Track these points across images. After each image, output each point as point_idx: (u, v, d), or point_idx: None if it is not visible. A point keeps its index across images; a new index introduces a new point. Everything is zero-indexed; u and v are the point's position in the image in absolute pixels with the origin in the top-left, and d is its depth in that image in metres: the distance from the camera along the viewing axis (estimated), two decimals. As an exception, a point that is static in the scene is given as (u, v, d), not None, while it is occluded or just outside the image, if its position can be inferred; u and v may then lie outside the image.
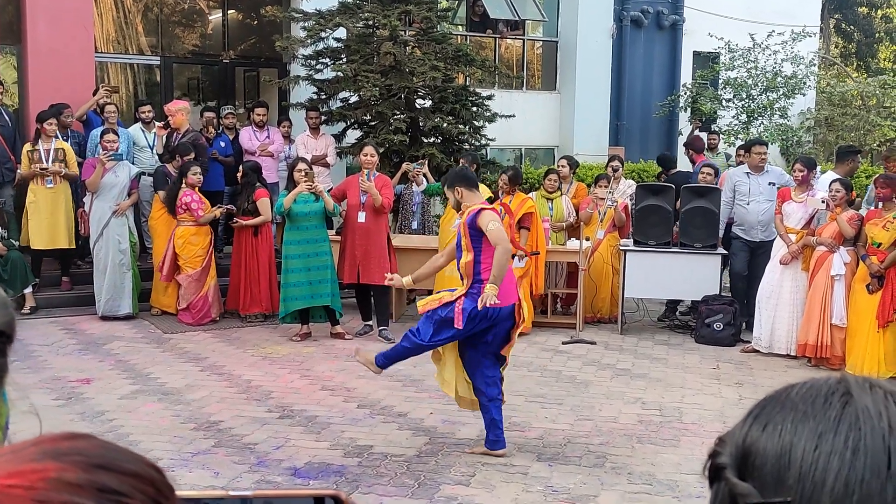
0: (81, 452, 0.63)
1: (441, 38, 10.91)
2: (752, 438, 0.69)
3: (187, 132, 9.38)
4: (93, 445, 0.64)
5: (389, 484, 4.89)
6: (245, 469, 5.05)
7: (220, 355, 7.58)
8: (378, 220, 8.11)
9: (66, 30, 10.06)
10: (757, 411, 0.71)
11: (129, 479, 0.62)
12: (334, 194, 8.29)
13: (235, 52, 13.01)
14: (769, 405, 0.71)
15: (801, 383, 0.72)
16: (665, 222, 8.67)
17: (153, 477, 0.64)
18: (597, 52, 14.68)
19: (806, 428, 0.66)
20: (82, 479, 0.60)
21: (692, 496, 4.81)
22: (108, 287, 8.66)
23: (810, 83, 14.63)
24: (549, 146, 14.97)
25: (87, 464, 0.61)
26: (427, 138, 10.73)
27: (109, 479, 0.61)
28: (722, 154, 11.66)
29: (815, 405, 0.68)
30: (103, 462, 0.62)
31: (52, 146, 8.84)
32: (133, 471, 0.63)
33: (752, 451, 0.68)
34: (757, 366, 7.68)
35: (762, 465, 0.67)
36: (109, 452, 0.64)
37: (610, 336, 8.65)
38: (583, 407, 6.36)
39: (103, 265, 8.66)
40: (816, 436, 0.66)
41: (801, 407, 0.68)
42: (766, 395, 0.73)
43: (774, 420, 0.69)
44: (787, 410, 0.69)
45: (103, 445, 0.64)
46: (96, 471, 0.61)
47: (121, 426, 5.72)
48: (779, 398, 0.71)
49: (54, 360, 7.29)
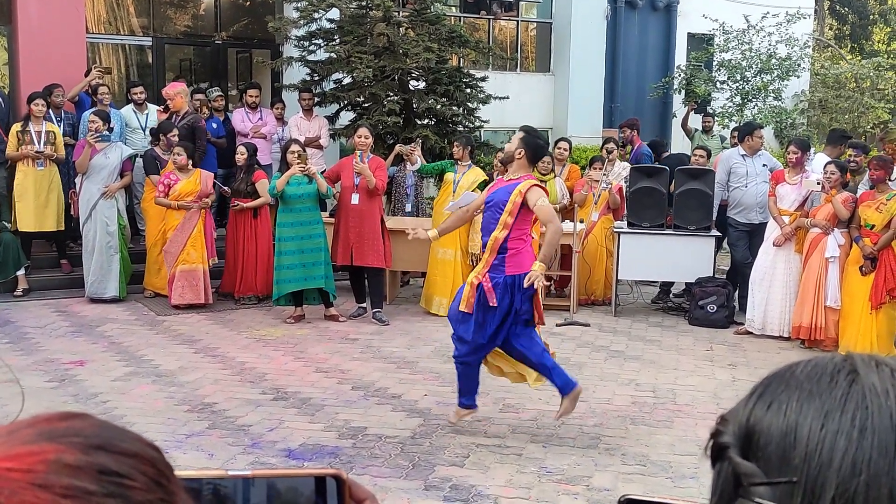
0: (79, 433, 0.61)
1: (435, 19, 10.85)
2: (756, 417, 0.68)
3: (186, 114, 9.33)
4: (90, 425, 0.63)
5: (384, 465, 4.90)
6: (239, 451, 5.05)
7: (213, 337, 7.58)
8: (372, 202, 8.08)
9: (57, 10, 9.98)
10: (761, 390, 0.70)
11: (129, 460, 0.61)
12: (328, 176, 8.25)
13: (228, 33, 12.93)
14: (773, 383, 0.70)
15: (805, 361, 0.70)
16: (659, 204, 8.67)
17: (152, 456, 0.63)
18: (591, 34, 14.63)
19: (812, 407, 0.65)
20: (82, 460, 0.59)
21: (686, 477, 4.83)
22: (94, 269, 8.60)
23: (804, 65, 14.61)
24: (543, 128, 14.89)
25: (85, 445, 0.60)
26: (421, 120, 10.69)
27: (109, 461, 0.60)
28: (717, 136, 11.65)
29: (821, 383, 0.66)
30: (102, 443, 0.61)
31: (42, 128, 8.77)
32: (132, 451, 0.62)
33: (756, 430, 0.67)
34: (750, 347, 7.71)
35: (766, 445, 0.66)
36: (107, 432, 0.63)
37: (604, 318, 8.67)
38: (577, 388, 6.37)
39: (91, 247, 8.61)
40: (822, 415, 0.64)
41: (807, 385, 0.67)
42: (769, 373, 0.71)
43: (779, 398, 0.67)
44: (791, 389, 0.68)
45: (100, 425, 0.63)
46: (95, 452, 0.60)
47: (115, 408, 5.71)
48: (783, 376, 0.70)
49: (47, 342, 7.27)
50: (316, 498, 0.73)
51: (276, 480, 0.73)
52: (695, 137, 11.36)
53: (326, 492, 0.73)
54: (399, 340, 7.59)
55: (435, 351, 7.30)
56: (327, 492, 0.73)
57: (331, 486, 0.73)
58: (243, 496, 0.73)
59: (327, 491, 0.73)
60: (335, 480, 0.73)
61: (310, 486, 0.73)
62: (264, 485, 0.73)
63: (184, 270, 8.47)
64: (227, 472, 0.72)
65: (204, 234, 8.59)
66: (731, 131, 10.69)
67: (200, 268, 8.54)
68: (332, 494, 0.73)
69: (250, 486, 0.72)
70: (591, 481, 4.75)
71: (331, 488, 0.73)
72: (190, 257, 8.48)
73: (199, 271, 8.52)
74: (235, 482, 0.72)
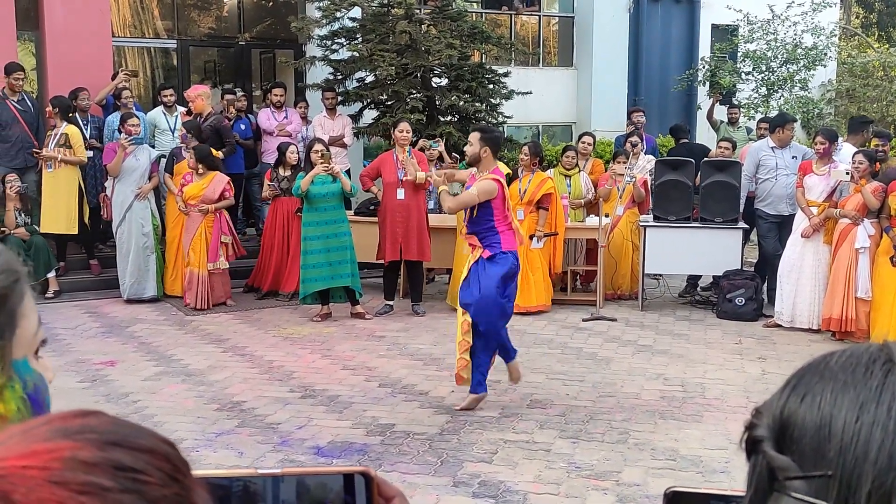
0: (94, 430, 0.62)
1: (456, 15, 10.84)
2: (791, 410, 0.66)
3: (210, 115, 9.40)
4: (104, 422, 0.63)
5: (412, 462, 4.91)
6: (269, 448, 5.08)
7: (241, 336, 7.63)
8: (417, 196, 8.21)
9: (82, 15, 10.08)
10: (795, 381, 0.69)
11: (144, 456, 0.61)
12: (367, 173, 8.35)
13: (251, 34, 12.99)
14: (807, 375, 0.68)
15: (840, 351, 0.69)
16: (685, 197, 8.61)
17: (167, 452, 0.63)
18: (613, 27, 14.54)
19: (846, 398, 0.64)
20: (97, 457, 0.59)
21: (716, 471, 4.80)
22: (132, 270, 8.71)
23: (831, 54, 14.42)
24: (566, 123, 14.88)
25: (100, 441, 0.61)
26: (444, 117, 10.69)
27: (124, 456, 0.60)
28: (743, 128, 11.55)
29: (856, 374, 0.65)
30: (117, 439, 0.61)
31: (60, 130, 8.88)
32: (147, 446, 0.62)
33: (790, 422, 0.66)
34: (780, 340, 7.64)
35: (801, 438, 0.65)
36: (122, 429, 0.63)
37: (630, 312, 8.62)
38: (604, 383, 6.36)
39: (126, 249, 8.71)
40: (858, 406, 0.63)
41: (842, 376, 0.66)
42: (804, 364, 0.70)
43: (813, 390, 0.66)
44: (826, 380, 0.66)
45: (114, 422, 0.64)
46: (111, 448, 0.60)
47: (145, 407, 5.77)
48: (818, 367, 0.68)
49: (78, 343, 7.36)
50: (345, 495, 0.74)
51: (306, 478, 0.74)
52: (720, 129, 11.28)
53: (355, 489, 0.74)
54: (425, 337, 7.60)
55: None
56: (356, 489, 0.74)
57: (359, 483, 0.74)
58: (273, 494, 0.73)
59: (356, 488, 0.74)
60: (363, 478, 0.73)
61: (338, 483, 0.74)
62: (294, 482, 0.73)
63: (189, 272, 8.59)
64: (256, 471, 0.73)
65: (210, 237, 8.57)
66: (758, 122, 10.59)
67: (197, 271, 8.54)
68: (360, 492, 0.74)
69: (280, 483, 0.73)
70: (620, 476, 4.73)
71: (359, 486, 0.74)
72: (191, 260, 8.55)
73: (195, 274, 8.54)
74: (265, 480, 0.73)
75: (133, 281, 8.74)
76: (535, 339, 7.60)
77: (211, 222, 8.58)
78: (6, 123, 9.09)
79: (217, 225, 8.65)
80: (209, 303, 8.56)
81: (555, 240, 8.64)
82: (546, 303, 8.57)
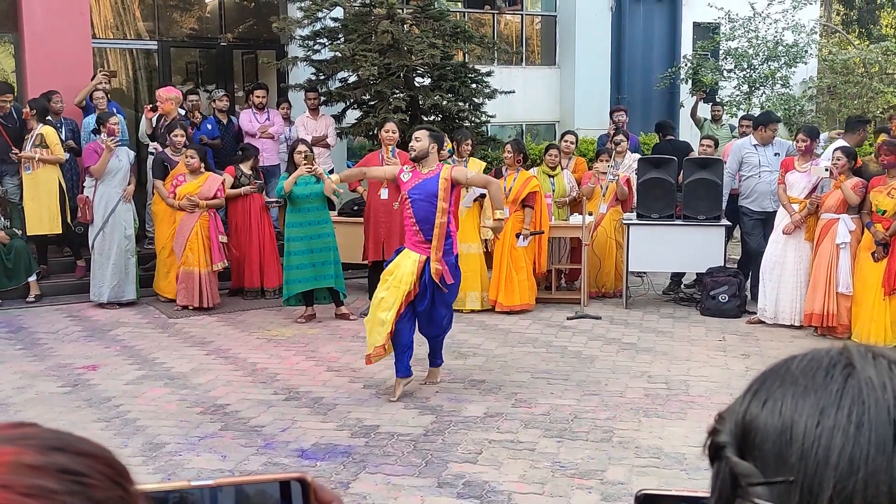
0: (34, 437, 0.62)
1: (439, 15, 10.83)
2: (752, 415, 0.66)
3: (174, 119, 9.38)
4: (42, 431, 0.63)
5: (397, 463, 4.89)
6: (252, 451, 5.06)
7: (225, 339, 7.59)
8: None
9: (62, 16, 10.00)
10: (756, 386, 0.68)
11: (86, 460, 0.62)
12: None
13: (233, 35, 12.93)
14: (769, 379, 0.68)
15: (801, 355, 0.69)
16: (668, 195, 8.64)
17: (108, 457, 0.64)
18: (596, 26, 14.56)
19: (807, 403, 0.63)
20: (40, 461, 0.59)
21: (700, 469, 4.81)
22: (114, 273, 8.64)
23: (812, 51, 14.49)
24: (549, 121, 14.89)
25: (42, 446, 0.61)
26: (427, 116, 10.67)
27: (67, 460, 0.60)
28: (726, 125, 11.60)
29: (816, 378, 0.65)
30: (58, 444, 0.62)
31: (35, 131, 8.81)
32: (88, 451, 0.63)
33: (751, 428, 0.65)
34: (763, 337, 7.67)
35: (763, 443, 0.64)
36: (61, 435, 0.63)
37: (615, 310, 8.64)
38: (589, 382, 6.36)
39: (108, 251, 8.63)
40: (818, 411, 0.62)
41: (802, 381, 0.65)
42: (766, 369, 0.70)
43: (774, 395, 0.66)
44: (787, 385, 0.66)
45: (52, 430, 0.64)
46: (52, 453, 0.61)
47: (127, 412, 5.73)
48: (778, 372, 0.68)
49: (60, 347, 7.30)
50: (281, 502, 0.73)
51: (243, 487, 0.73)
52: (704, 127, 11.32)
53: (292, 496, 0.73)
54: (410, 338, 7.58)
55: (446, 348, 7.28)
56: (292, 496, 0.73)
57: (296, 489, 0.74)
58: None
59: (292, 495, 0.73)
60: (300, 484, 0.73)
61: (275, 490, 0.73)
62: (231, 492, 0.73)
63: (184, 272, 8.53)
64: (189, 483, 0.72)
65: (207, 237, 8.55)
66: (740, 120, 10.64)
67: (196, 271, 8.50)
68: (297, 498, 0.73)
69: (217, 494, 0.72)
70: (604, 475, 4.74)
71: (296, 492, 0.73)
72: (188, 259, 8.50)
73: (194, 274, 8.50)
74: (202, 491, 0.72)
75: (115, 283, 8.66)
76: (520, 338, 7.61)
77: (206, 222, 8.55)
78: None
79: (213, 224, 8.62)
80: (211, 301, 8.55)
81: (539, 238, 8.64)
82: (530, 302, 8.57)
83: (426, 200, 5.73)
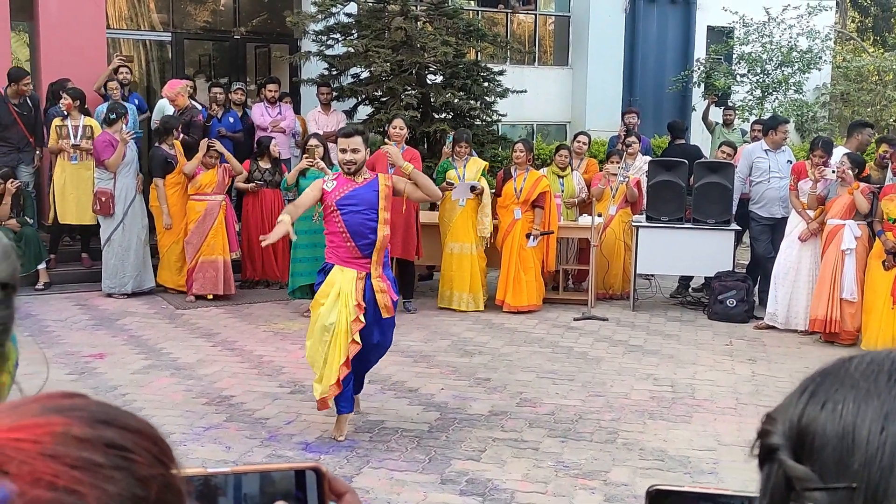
0: (84, 408, 0.62)
1: (452, 12, 10.83)
2: (810, 417, 0.64)
3: (186, 109, 9.39)
4: (91, 402, 0.64)
5: (400, 459, 4.90)
6: (256, 443, 5.07)
7: (231, 331, 7.61)
8: None
9: (77, 6, 10.03)
10: (812, 387, 0.66)
11: (133, 436, 0.62)
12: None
13: (246, 28, 12.95)
14: (826, 381, 0.66)
15: (858, 357, 0.67)
16: (678, 198, 8.62)
17: (153, 434, 0.64)
18: (609, 27, 14.54)
19: (870, 407, 0.61)
20: (89, 433, 0.60)
21: (704, 472, 4.80)
22: (135, 264, 8.73)
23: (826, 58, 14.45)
24: (560, 122, 14.88)
25: (91, 419, 0.61)
26: (438, 114, 10.68)
27: (115, 435, 0.61)
28: (738, 130, 11.57)
29: (879, 382, 0.63)
30: (107, 418, 0.62)
31: (80, 122, 8.92)
32: (135, 427, 0.63)
33: (809, 431, 0.63)
34: (770, 342, 7.65)
35: (822, 448, 0.62)
36: (109, 409, 0.64)
37: (622, 312, 8.63)
38: (594, 383, 6.36)
39: (128, 243, 8.70)
40: (883, 416, 0.61)
41: (864, 384, 0.63)
42: (820, 369, 0.67)
43: (834, 398, 0.64)
44: (847, 387, 0.64)
45: (101, 403, 0.64)
46: (101, 426, 0.61)
47: (133, 401, 5.75)
48: (836, 373, 0.66)
49: (68, 335, 7.33)
50: (296, 491, 0.74)
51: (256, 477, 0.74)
52: (715, 131, 11.30)
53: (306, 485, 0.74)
54: (416, 334, 7.59)
55: (452, 345, 7.30)
56: (307, 485, 0.74)
57: (310, 478, 0.74)
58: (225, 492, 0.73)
59: (307, 484, 0.74)
60: (315, 473, 0.74)
61: (290, 479, 0.74)
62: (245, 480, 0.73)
63: (205, 261, 8.59)
64: (205, 470, 0.73)
65: (226, 225, 8.69)
66: (752, 124, 10.61)
67: (221, 258, 8.64)
68: (311, 487, 0.74)
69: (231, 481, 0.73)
70: (608, 476, 4.73)
71: (311, 481, 0.74)
72: (211, 248, 8.57)
73: (219, 262, 8.62)
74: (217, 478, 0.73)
75: (136, 274, 8.76)
76: (526, 338, 7.60)
77: (225, 210, 8.69)
78: (5, 125, 9.07)
79: (230, 213, 8.82)
80: (231, 288, 8.68)
81: (548, 239, 8.64)
82: (537, 303, 8.56)
83: (361, 212, 5.02)
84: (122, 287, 8.72)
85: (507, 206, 8.54)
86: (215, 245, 8.60)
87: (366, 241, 5.04)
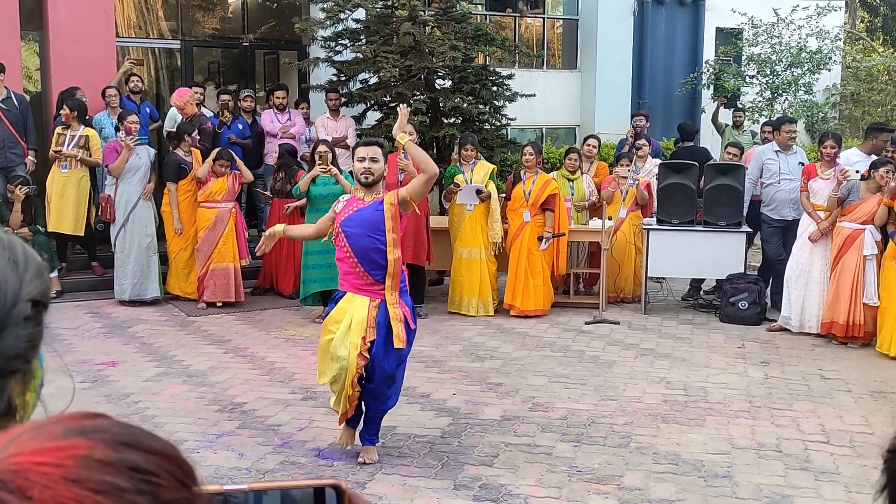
0: (107, 430, 0.62)
1: (461, 17, 10.83)
2: None
3: (195, 116, 9.42)
4: (115, 424, 0.63)
5: (413, 465, 4.89)
6: (269, 450, 5.07)
7: (243, 338, 7.61)
8: None
9: (86, 14, 10.08)
10: None
11: (156, 458, 0.61)
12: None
13: (255, 35, 12.99)
14: None
15: None
16: (689, 200, 8.59)
17: (177, 456, 0.63)
18: (618, 30, 14.53)
19: None
20: (112, 457, 0.59)
21: (718, 476, 4.77)
22: (134, 271, 8.70)
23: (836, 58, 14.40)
24: (570, 125, 14.86)
25: (114, 441, 0.61)
26: (447, 119, 10.67)
27: (139, 458, 0.60)
28: (747, 131, 11.53)
29: None
30: (130, 440, 0.61)
31: (78, 132, 8.91)
32: (159, 449, 0.62)
33: None
34: (783, 345, 7.61)
35: None
36: (133, 431, 0.63)
37: (633, 316, 8.60)
38: (606, 387, 6.33)
39: (129, 249, 8.70)
40: None
41: None
42: None
43: None
44: None
45: (124, 425, 0.64)
46: (125, 448, 0.60)
47: (146, 408, 5.76)
48: None
49: (80, 343, 7.35)
50: None
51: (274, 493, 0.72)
52: (725, 133, 11.26)
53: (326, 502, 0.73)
54: (427, 339, 7.58)
55: (463, 350, 7.29)
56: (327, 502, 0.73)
57: (330, 496, 0.73)
58: None
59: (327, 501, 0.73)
60: (335, 491, 0.72)
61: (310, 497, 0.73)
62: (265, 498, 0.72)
63: (216, 269, 8.60)
64: (222, 487, 0.72)
65: (236, 232, 8.70)
66: (762, 126, 10.57)
67: (232, 266, 8.66)
68: None
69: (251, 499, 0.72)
70: (621, 480, 4.71)
71: (330, 499, 0.73)
72: (222, 255, 8.60)
73: (230, 269, 8.64)
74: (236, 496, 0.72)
75: (136, 281, 8.72)
76: (538, 342, 7.59)
77: (235, 217, 8.72)
78: None
79: (240, 220, 8.85)
80: (241, 295, 8.70)
81: (558, 242, 8.62)
82: (545, 308, 8.52)
83: (365, 234, 4.75)
84: (121, 294, 8.71)
85: (517, 209, 8.53)
86: (226, 252, 8.62)
87: (376, 266, 4.76)
